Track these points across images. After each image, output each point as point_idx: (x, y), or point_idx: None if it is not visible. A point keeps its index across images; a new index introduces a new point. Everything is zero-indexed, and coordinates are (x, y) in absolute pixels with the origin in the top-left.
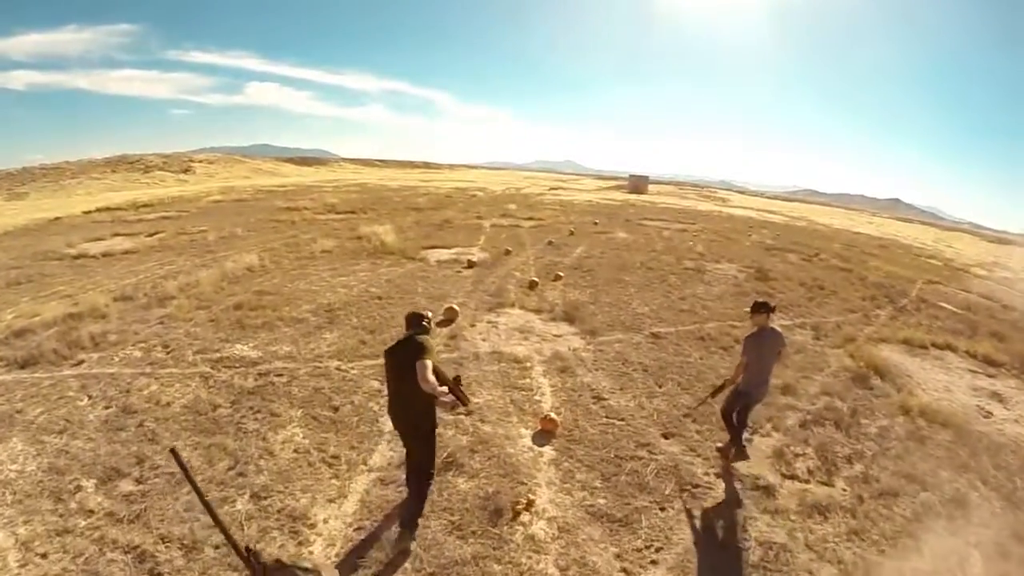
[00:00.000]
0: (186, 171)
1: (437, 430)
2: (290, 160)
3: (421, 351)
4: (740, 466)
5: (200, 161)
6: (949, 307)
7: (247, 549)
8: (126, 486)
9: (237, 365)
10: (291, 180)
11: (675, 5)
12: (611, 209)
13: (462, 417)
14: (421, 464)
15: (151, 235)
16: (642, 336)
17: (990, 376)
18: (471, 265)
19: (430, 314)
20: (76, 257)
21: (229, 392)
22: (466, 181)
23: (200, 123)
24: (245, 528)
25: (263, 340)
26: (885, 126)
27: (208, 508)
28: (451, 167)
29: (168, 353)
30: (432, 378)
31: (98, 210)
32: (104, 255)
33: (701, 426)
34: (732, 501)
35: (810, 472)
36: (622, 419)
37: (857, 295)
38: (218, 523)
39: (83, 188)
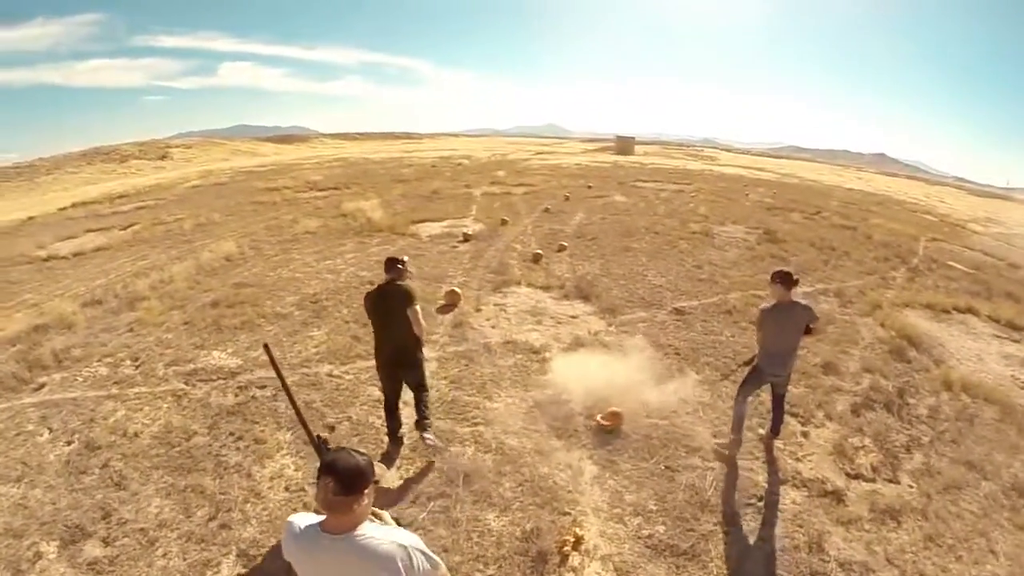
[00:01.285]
0: (163, 158)
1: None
2: (269, 139)
3: (411, 298)
4: (803, 467)
5: (177, 146)
6: (959, 266)
7: (318, 437)
8: (92, 550)
9: (214, 377)
10: (271, 159)
11: None
12: (601, 171)
13: (482, 430)
14: (417, 388)
15: (125, 228)
16: (665, 313)
17: (1015, 342)
18: (467, 239)
19: (406, 258)
20: (46, 259)
21: (205, 414)
22: (449, 149)
23: (176, 108)
24: None
25: (243, 344)
26: (868, 80)
27: (292, 402)
28: (432, 136)
29: (137, 368)
30: (424, 325)
31: (73, 205)
32: (75, 255)
33: (750, 419)
34: (803, 513)
35: (874, 469)
36: (664, 418)
37: (869, 255)
38: (298, 413)
39: (59, 184)
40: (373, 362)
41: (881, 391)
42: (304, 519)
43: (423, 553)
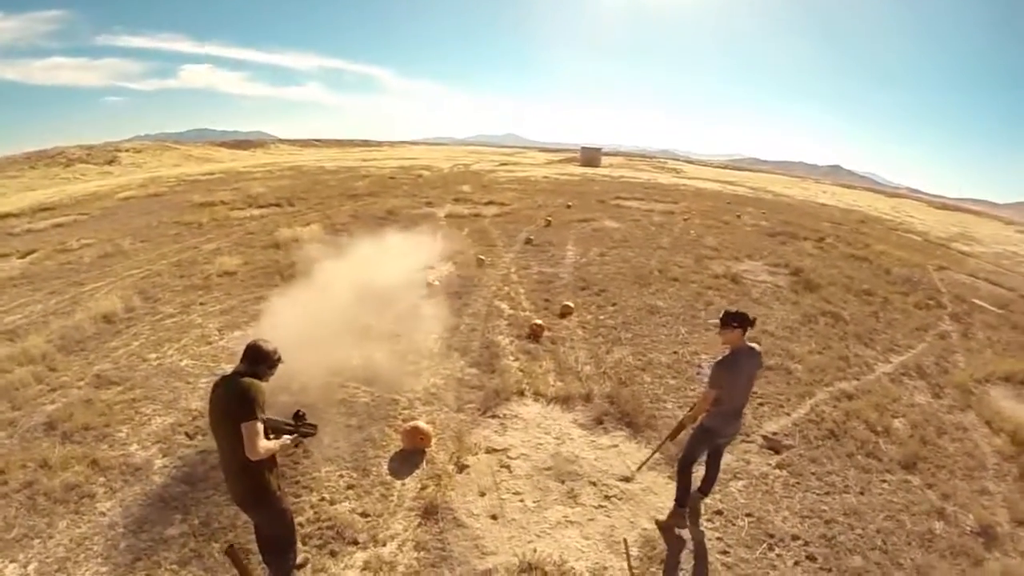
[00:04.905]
0: (111, 162)
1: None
2: (224, 144)
3: (246, 408)
4: None
5: (127, 151)
6: (988, 307)
7: None
8: None
9: None
10: (223, 166)
11: None
12: (574, 186)
13: None
14: (277, 539)
15: (24, 255)
16: (756, 449)
17: None
18: (431, 291)
19: (278, 354)
20: None
21: None
22: (409, 159)
23: (135, 110)
24: None
25: (48, 564)
26: (821, 93)
27: None
28: (392, 144)
29: None
30: (261, 446)
31: None
32: None
33: None
34: None
35: None
36: None
37: (908, 301)
38: None
39: None
40: None
41: None
42: None
43: None
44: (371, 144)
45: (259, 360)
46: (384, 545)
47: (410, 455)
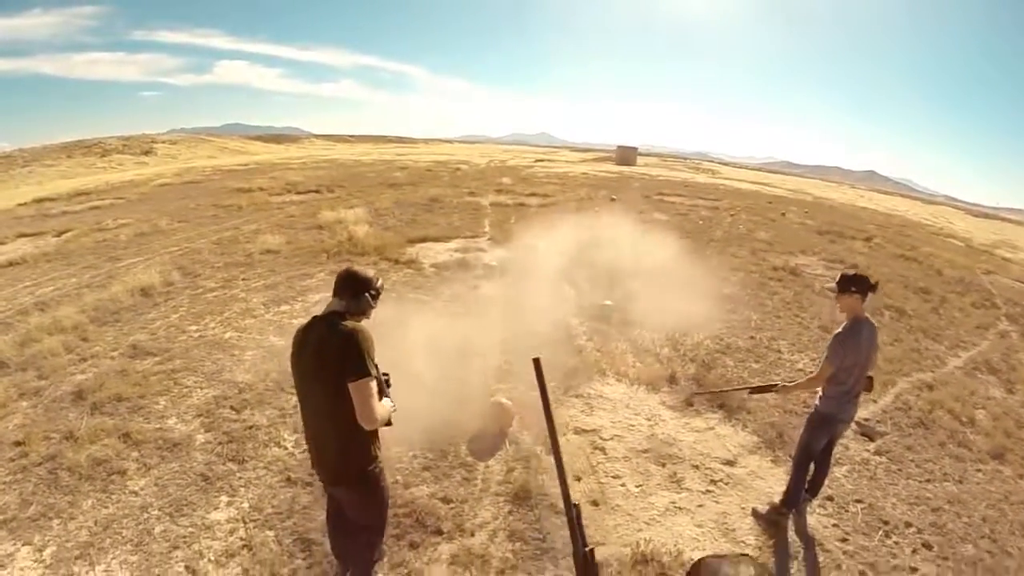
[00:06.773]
0: (147, 153)
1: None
2: (259, 138)
3: (355, 362)
4: None
5: (163, 142)
6: None
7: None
8: None
9: None
10: (258, 158)
11: None
12: (613, 182)
13: None
14: (368, 526)
15: (59, 234)
16: (851, 435)
17: None
18: (488, 271)
19: (380, 280)
20: None
21: None
22: (445, 155)
23: (171, 104)
24: None
25: (68, 548)
26: (856, 98)
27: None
28: (426, 141)
29: None
30: (378, 411)
31: (35, 201)
32: None
33: None
34: None
35: None
36: None
37: (965, 301)
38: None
39: (33, 177)
40: None
41: None
42: None
43: None
44: (406, 140)
45: (361, 288)
46: (473, 535)
47: (490, 435)
